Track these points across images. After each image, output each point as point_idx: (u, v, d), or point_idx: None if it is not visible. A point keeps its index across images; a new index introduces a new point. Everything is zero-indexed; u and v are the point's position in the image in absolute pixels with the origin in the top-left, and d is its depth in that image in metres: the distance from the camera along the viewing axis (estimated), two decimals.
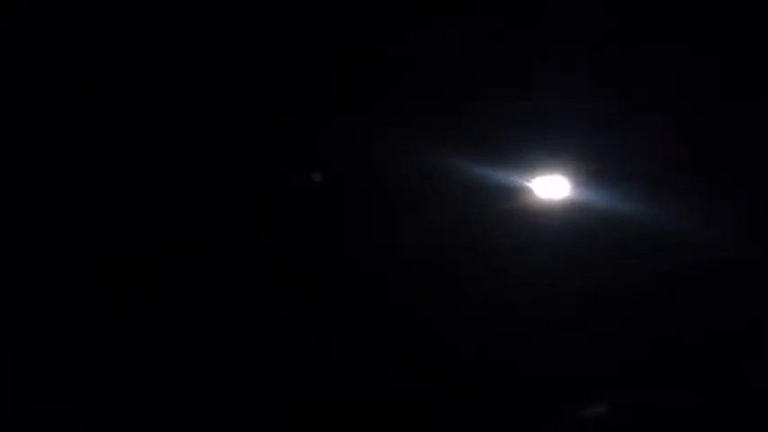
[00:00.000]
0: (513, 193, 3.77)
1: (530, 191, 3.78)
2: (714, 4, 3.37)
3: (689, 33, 3.46)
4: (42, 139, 3.49)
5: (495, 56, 3.55)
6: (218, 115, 3.59)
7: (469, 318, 3.92)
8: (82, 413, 3.61)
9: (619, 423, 3.90)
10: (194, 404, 3.79)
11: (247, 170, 3.73)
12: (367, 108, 3.64)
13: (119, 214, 3.67)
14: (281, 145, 3.68)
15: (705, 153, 3.70)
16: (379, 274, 3.89)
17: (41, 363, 3.54)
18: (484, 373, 3.93)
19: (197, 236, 3.79)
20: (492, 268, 3.88)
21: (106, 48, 3.35)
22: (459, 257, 3.87)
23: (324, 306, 3.85)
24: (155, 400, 3.73)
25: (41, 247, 3.60)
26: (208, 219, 3.78)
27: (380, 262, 3.87)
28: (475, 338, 3.92)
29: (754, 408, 3.80)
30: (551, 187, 3.80)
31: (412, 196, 3.79)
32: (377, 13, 3.40)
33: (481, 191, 3.70)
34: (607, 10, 3.42)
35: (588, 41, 3.50)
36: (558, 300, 3.88)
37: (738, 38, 3.42)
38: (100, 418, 3.66)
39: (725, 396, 3.80)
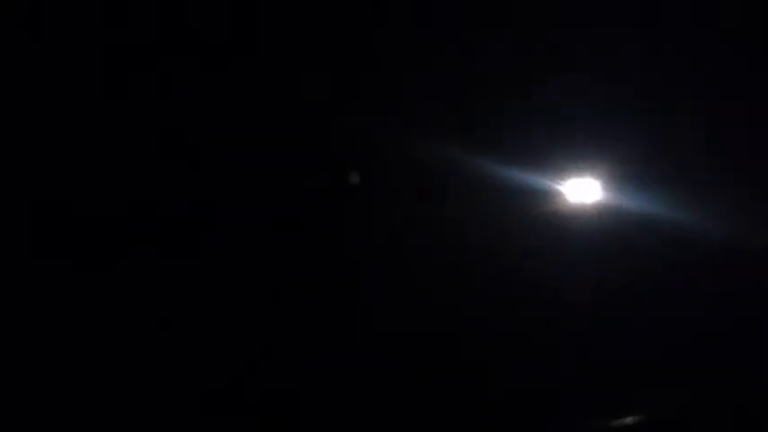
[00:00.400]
0: (544, 196, 3.75)
1: (561, 194, 3.76)
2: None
3: (726, 32, 3.48)
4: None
5: (527, 56, 3.54)
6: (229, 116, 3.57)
7: (500, 319, 3.92)
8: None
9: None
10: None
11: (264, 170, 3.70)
12: (394, 108, 3.63)
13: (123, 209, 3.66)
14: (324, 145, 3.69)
15: (741, 156, 3.71)
16: (403, 274, 3.87)
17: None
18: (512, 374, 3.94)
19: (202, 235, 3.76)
20: (523, 272, 3.88)
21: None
22: (489, 261, 3.86)
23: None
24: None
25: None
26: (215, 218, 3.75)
27: (404, 262, 3.85)
28: (501, 341, 3.92)
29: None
30: (583, 190, 3.78)
31: (441, 199, 3.78)
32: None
33: (512, 194, 3.69)
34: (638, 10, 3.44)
35: (622, 41, 3.51)
36: (585, 303, 3.88)
37: None
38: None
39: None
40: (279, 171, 3.67)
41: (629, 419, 3.90)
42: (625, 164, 3.71)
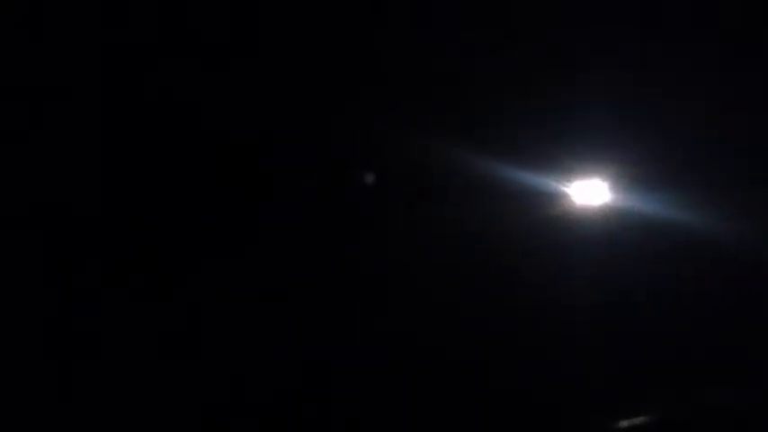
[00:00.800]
0: (550, 198, 3.73)
1: (567, 196, 3.75)
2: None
3: (739, 35, 3.48)
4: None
5: (532, 56, 3.55)
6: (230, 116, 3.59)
7: (507, 322, 3.89)
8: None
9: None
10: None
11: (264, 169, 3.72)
12: (403, 108, 3.64)
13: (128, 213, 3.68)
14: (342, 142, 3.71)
15: (753, 157, 3.69)
16: (410, 276, 3.85)
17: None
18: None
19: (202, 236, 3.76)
20: (529, 274, 3.85)
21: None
22: (494, 264, 3.84)
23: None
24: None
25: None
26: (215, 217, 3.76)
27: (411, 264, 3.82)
28: (504, 342, 3.88)
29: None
30: (590, 192, 3.76)
31: (445, 200, 3.77)
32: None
33: (519, 196, 3.68)
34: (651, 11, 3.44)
35: (633, 42, 3.51)
36: (591, 305, 3.84)
37: None
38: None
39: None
40: (278, 171, 3.68)
41: (630, 421, 3.87)
42: (632, 165, 3.69)
